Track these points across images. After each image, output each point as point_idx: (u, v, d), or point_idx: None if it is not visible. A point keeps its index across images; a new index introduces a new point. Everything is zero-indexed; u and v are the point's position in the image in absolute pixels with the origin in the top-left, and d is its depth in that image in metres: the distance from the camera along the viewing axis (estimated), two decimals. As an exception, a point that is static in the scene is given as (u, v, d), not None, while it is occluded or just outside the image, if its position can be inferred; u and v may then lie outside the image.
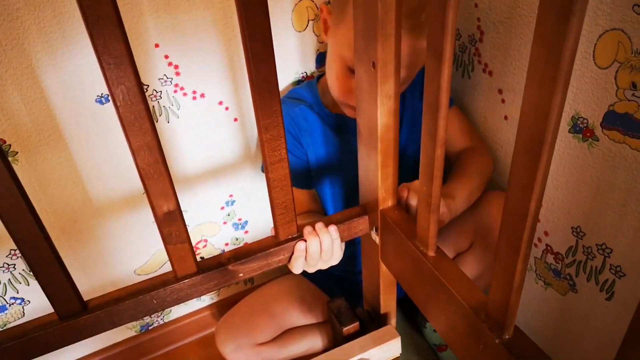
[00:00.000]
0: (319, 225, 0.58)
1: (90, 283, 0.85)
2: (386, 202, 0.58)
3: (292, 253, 0.59)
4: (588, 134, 0.62)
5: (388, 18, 0.44)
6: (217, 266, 0.55)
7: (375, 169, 0.55)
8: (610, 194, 0.62)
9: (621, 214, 0.62)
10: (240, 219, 0.93)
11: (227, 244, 0.95)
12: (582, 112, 0.62)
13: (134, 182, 0.78)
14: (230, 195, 0.89)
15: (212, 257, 0.57)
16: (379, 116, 0.50)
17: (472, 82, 0.80)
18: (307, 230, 0.58)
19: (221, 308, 1.01)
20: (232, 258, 0.56)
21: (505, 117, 0.75)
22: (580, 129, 0.62)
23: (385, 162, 0.54)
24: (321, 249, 0.58)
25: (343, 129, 0.78)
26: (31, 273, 0.67)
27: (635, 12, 0.51)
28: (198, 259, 0.95)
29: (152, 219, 0.82)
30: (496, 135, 0.79)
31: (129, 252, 0.86)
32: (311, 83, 0.81)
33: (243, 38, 0.43)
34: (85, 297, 0.53)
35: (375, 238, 0.61)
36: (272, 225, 0.98)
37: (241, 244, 0.97)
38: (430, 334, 0.93)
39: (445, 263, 0.50)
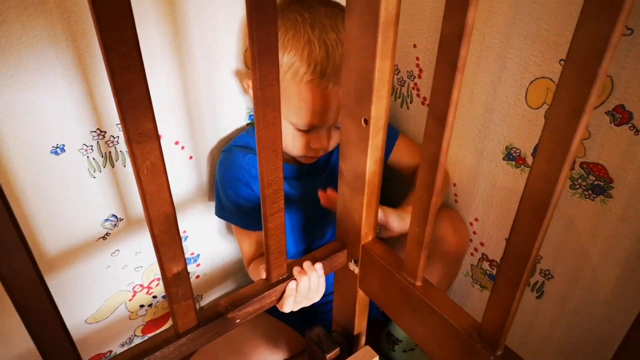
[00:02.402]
0: (307, 264, 0.62)
1: (37, 340, 0.79)
2: (367, 237, 0.63)
3: (283, 292, 0.61)
4: (520, 162, 0.73)
5: (383, 83, 0.49)
6: (217, 316, 0.56)
7: (360, 209, 0.60)
8: (539, 211, 0.74)
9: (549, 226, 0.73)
10: (192, 253, 0.92)
11: (179, 280, 0.93)
12: (515, 143, 0.72)
13: (89, 230, 0.75)
14: (184, 231, 0.88)
15: (209, 307, 0.57)
16: (368, 165, 0.55)
17: (411, 112, 0.88)
18: (297, 270, 0.61)
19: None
20: (229, 306, 0.58)
21: (444, 145, 0.85)
22: (513, 157, 0.73)
23: (369, 203, 0.59)
24: (309, 286, 0.62)
25: (290, 177, 0.83)
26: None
27: (561, 65, 0.62)
28: (151, 298, 0.94)
29: (105, 264, 0.80)
30: (434, 159, 0.88)
31: (79, 302, 0.81)
32: None
33: (256, 106, 0.45)
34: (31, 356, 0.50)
35: (354, 269, 0.67)
36: (223, 255, 0.99)
37: (192, 278, 0.96)
38: (399, 356, 0.98)
39: (433, 291, 0.56)
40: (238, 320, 0.59)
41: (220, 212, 0.83)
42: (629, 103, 0.58)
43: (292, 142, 0.77)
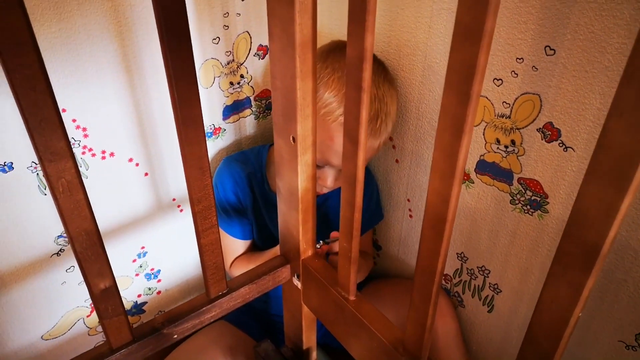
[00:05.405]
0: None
1: (-10, 356, 0.80)
2: (306, 252, 0.64)
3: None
4: (466, 178, 0.74)
5: (306, 102, 0.51)
6: (152, 332, 0.57)
7: (297, 225, 0.61)
8: (484, 226, 0.75)
9: (494, 241, 0.75)
10: (152, 269, 0.93)
11: (139, 295, 0.94)
12: (459, 159, 0.74)
13: (42, 247, 0.76)
14: (142, 247, 0.89)
15: (145, 323, 0.58)
16: (299, 181, 0.56)
17: (366, 129, 0.90)
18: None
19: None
20: (166, 322, 0.58)
21: (397, 161, 0.86)
22: (459, 173, 0.75)
23: (305, 219, 0.60)
24: None
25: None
26: None
27: (495, 84, 0.64)
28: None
29: (60, 280, 0.80)
30: (389, 175, 0.90)
31: (34, 318, 0.82)
32: (262, 150, 0.88)
33: (177, 124, 0.47)
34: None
35: (297, 284, 0.67)
36: (185, 270, 1.00)
37: (154, 294, 0.96)
38: None
39: (365, 305, 0.57)
40: (175, 336, 0.59)
41: None
42: (556, 120, 0.60)
43: None
